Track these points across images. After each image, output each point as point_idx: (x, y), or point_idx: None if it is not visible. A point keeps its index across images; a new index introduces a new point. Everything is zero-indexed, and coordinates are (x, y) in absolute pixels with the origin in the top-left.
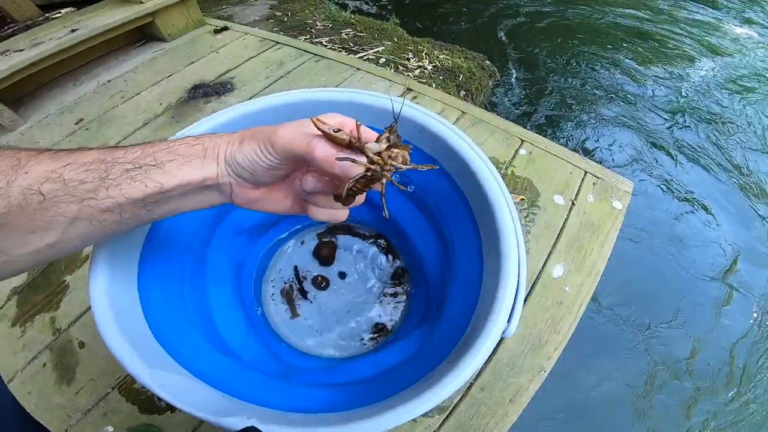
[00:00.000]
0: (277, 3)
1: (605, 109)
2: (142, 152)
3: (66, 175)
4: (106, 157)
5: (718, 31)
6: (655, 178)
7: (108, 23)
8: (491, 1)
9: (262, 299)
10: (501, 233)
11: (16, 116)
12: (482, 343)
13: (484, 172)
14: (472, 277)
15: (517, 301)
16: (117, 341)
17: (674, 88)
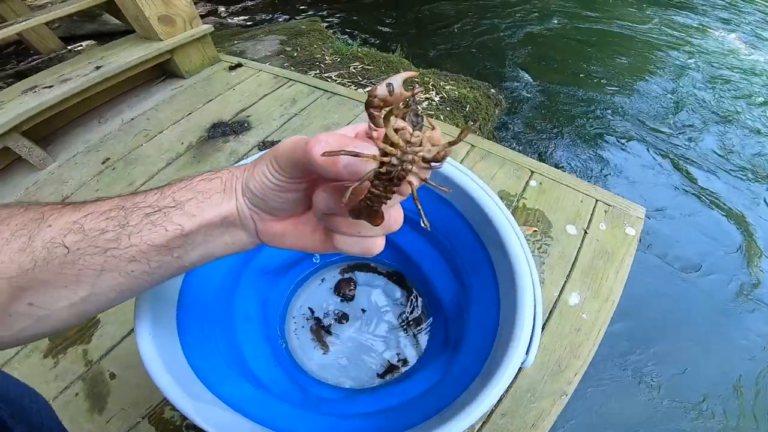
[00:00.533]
0: (287, 38)
1: (613, 132)
2: (161, 194)
3: (86, 225)
4: (126, 203)
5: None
6: (668, 201)
7: (130, 60)
8: (492, 27)
9: (286, 334)
10: (515, 269)
11: (45, 154)
12: (502, 373)
13: (492, 208)
14: (489, 311)
15: (534, 333)
16: (163, 378)
17: (682, 106)
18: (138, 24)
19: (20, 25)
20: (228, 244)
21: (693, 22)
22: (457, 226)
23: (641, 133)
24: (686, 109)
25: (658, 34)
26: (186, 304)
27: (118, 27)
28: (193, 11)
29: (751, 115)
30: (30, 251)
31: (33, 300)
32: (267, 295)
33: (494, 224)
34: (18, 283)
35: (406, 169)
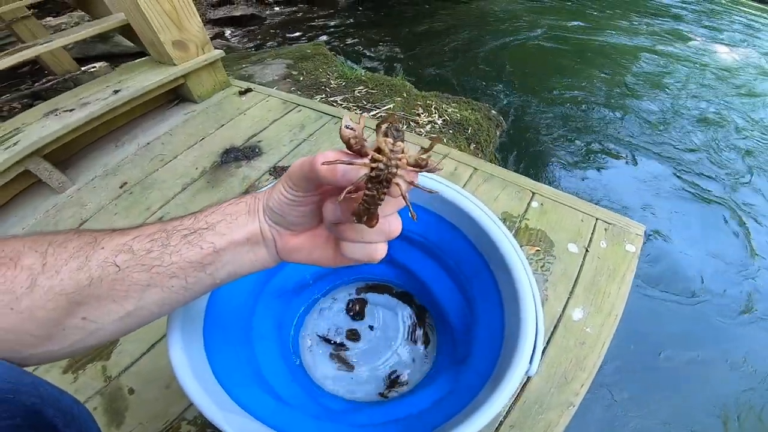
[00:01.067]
0: (293, 62)
1: (611, 150)
2: (195, 218)
3: (134, 246)
4: (167, 227)
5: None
6: (666, 218)
7: (147, 85)
8: (492, 49)
9: (300, 351)
10: (518, 288)
11: (65, 178)
12: (508, 381)
13: (496, 231)
14: (495, 328)
15: (537, 344)
16: (195, 389)
17: (678, 119)
18: (153, 49)
19: (43, 47)
20: (253, 262)
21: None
22: (463, 249)
23: (639, 150)
24: (682, 125)
25: (653, 53)
26: (211, 323)
27: (129, 49)
28: (205, 37)
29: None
30: (86, 270)
31: (87, 314)
32: (282, 315)
33: (498, 248)
34: (75, 299)
35: (392, 172)
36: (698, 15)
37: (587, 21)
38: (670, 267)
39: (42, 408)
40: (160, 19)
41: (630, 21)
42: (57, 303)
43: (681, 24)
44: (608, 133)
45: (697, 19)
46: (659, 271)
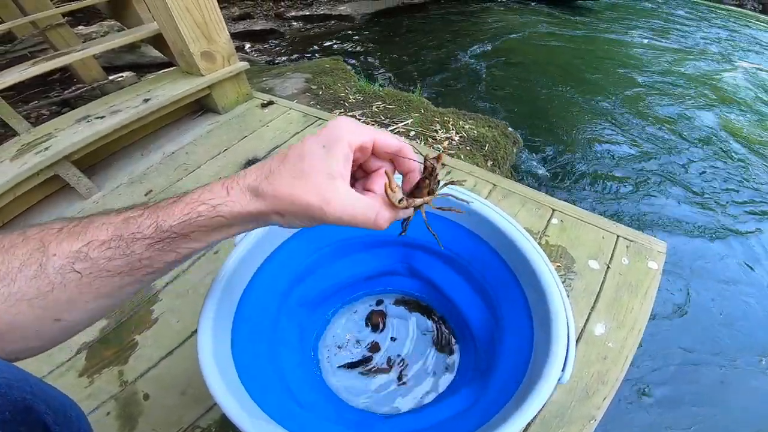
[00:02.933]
0: (311, 76)
1: (629, 166)
2: (158, 226)
3: (92, 254)
4: (122, 233)
5: None
6: (688, 233)
7: (176, 94)
8: (508, 68)
9: (320, 362)
10: (545, 291)
11: (92, 184)
12: (540, 387)
13: (522, 241)
14: (523, 333)
15: (569, 348)
16: (225, 395)
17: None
18: (182, 59)
19: (79, 54)
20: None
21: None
22: (489, 259)
23: (658, 167)
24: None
25: (670, 70)
26: (239, 330)
27: (155, 59)
28: (232, 48)
29: None
30: (45, 277)
31: (59, 316)
32: (305, 324)
33: (526, 257)
34: (40, 304)
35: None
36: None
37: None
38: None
39: (33, 404)
40: (191, 31)
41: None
42: (19, 309)
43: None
44: (631, 154)
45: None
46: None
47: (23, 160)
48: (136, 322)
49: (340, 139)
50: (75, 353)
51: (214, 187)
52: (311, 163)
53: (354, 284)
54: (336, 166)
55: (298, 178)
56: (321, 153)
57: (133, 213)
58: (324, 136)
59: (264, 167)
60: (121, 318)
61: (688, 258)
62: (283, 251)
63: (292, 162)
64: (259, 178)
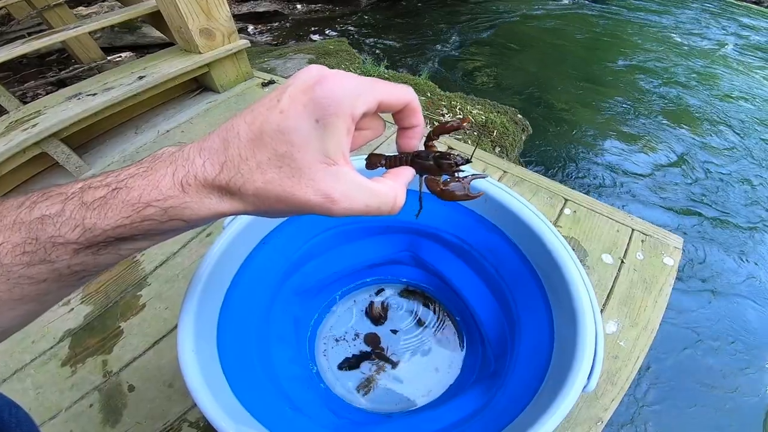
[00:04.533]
0: (315, 57)
1: (645, 159)
2: (83, 230)
3: (4, 260)
4: (38, 235)
5: None
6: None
7: (172, 72)
8: (515, 53)
9: (316, 356)
10: (571, 289)
11: (82, 162)
12: (564, 397)
13: (548, 234)
14: (541, 335)
15: (597, 356)
16: (206, 397)
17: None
18: (180, 36)
19: (72, 31)
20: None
21: None
22: (505, 252)
23: (683, 164)
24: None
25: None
26: (226, 323)
27: (156, 40)
28: (232, 26)
29: None
30: None
31: None
32: (300, 315)
33: (550, 251)
34: None
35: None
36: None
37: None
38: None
39: None
40: (189, 6)
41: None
42: None
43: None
44: (649, 147)
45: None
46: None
47: (9, 137)
48: (122, 308)
49: (340, 108)
50: (58, 341)
51: (161, 180)
52: (302, 148)
53: (354, 273)
54: (336, 147)
55: (285, 169)
56: (314, 131)
57: (49, 209)
58: (315, 105)
59: (228, 149)
60: (107, 303)
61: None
62: (278, 236)
63: (272, 144)
64: (226, 171)
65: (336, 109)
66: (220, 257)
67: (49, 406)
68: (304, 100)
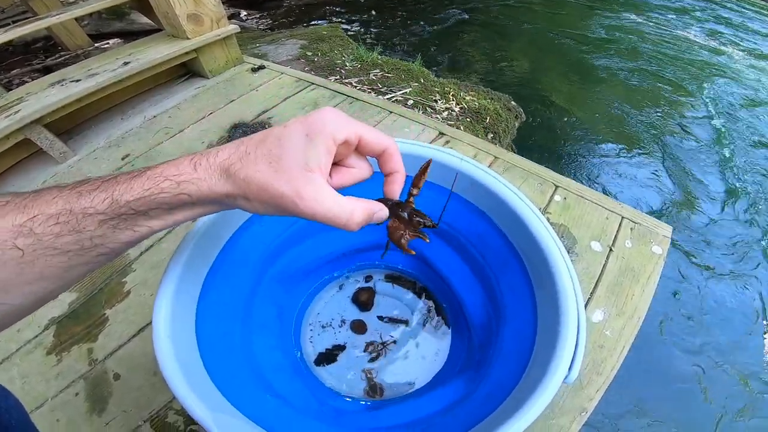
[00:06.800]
0: (308, 43)
1: (637, 148)
2: (111, 200)
3: (36, 229)
4: (72, 206)
5: None
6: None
7: (158, 57)
8: (510, 40)
9: (301, 343)
10: (555, 278)
11: (66, 148)
12: (544, 387)
13: (532, 218)
14: (524, 322)
15: (578, 347)
16: (180, 384)
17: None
18: (167, 21)
19: (54, 18)
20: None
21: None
22: (492, 238)
23: (672, 153)
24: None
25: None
26: (205, 307)
27: (144, 27)
28: (221, 11)
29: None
30: None
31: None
32: (283, 302)
33: (536, 239)
34: None
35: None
36: None
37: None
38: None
39: None
40: None
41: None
42: None
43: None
44: (643, 135)
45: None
46: None
47: None
48: (107, 295)
49: (325, 130)
50: (43, 329)
51: (182, 162)
52: (290, 152)
53: (340, 258)
54: (316, 158)
55: (273, 165)
56: (302, 142)
57: (87, 186)
58: (308, 125)
59: (240, 146)
60: (92, 290)
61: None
62: (259, 221)
63: (270, 146)
64: (233, 158)
65: (322, 129)
66: (199, 239)
67: (36, 395)
68: (302, 120)
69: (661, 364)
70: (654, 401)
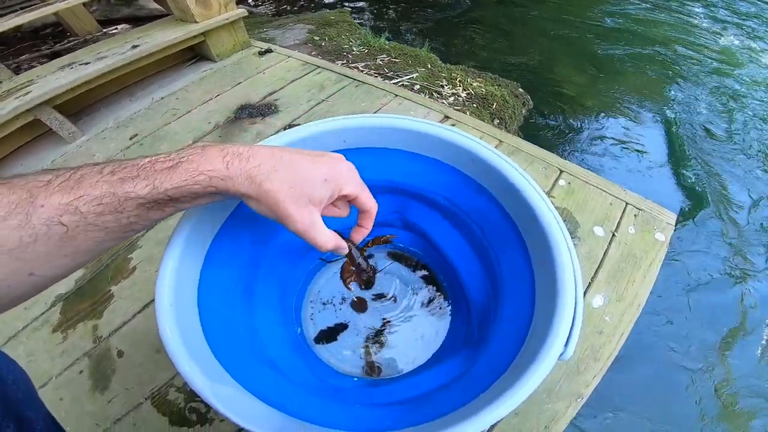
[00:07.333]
0: (315, 27)
1: (642, 134)
2: (152, 188)
3: (81, 208)
4: (116, 190)
5: None
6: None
7: (166, 41)
8: (520, 29)
9: (302, 319)
10: (554, 254)
11: (75, 129)
12: (539, 362)
13: (532, 194)
14: (522, 299)
15: (574, 323)
16: (181, 353)
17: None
18: (175, 5)
19: (62, 3)
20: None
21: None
22: (493, 214)
23: (679, 138)
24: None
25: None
26: (208, 278)
27: (153, 12)
28: None
29: None
30: (29, 227)
31: (34, 270)
32: (286, 277)
33: (537, 216)
34: (19, 255)
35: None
36: None
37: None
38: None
39: None
40: None
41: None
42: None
43: None
44: (647, 121)
45: None
46: None
47: (1, 105)
48: (113, 271)
49: (338, 182)
50: (50, 306)
51: (214, 158)
52: (308, 185)
53: (345, 232)
54: (320, 197)
55: (292, 189)
56: (319, 183)
57: (128, 172)
58: (331, 172)
59: (271, 159)
60: (98, 266)
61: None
62: None
63: (297, 171)
64: (263, 168)
65: (337, 179)
66: (204, 209)
67: (41, 373)
68: (329, 165)
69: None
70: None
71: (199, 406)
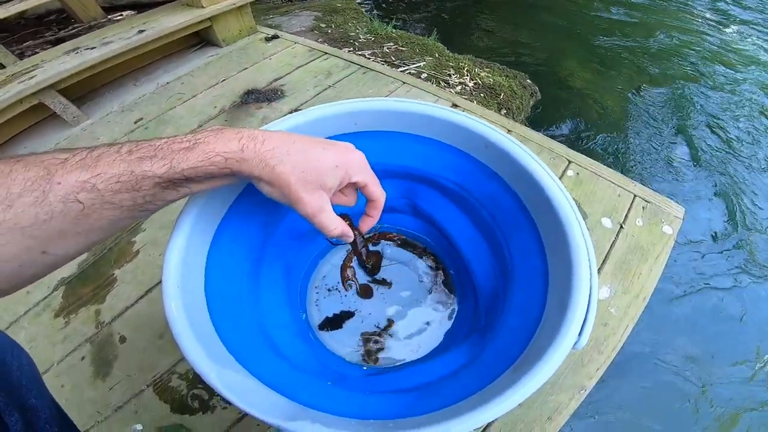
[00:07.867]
0: (321, 15)
1: (653, 127)
2: (171, 166)
3: (99, 186)
4: (134, 169)
5: None
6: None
7: (172, 26)
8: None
9: (307, 305)
10: (569, 237)
11: (79, 113)
12: (553, 352)
13: (547, 180)
14: (534, 287)
15: (589, 311)
16: (187, 336)
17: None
18: None
19: None
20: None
21: None
22: (504, 200)
23: (691, 132)
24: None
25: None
26: (215, 259)
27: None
28: None
29: None
30: (46, 204)
31: (47, 248)
32: (292, 260)
33: (552, 202)
34: (33, 233)
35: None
36: None
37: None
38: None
39: None
40: None
41: None
42: (9, 238)
43: None
44: (656, 114)
45: None
46: None
47: (6, 89)
48: (116, 255)
49: (349, 169)
50: (52, 290)
51: (230, 140)
52: (318, 171)
53: (355, 217)
54: (331, 183)
55: (304, 174)
56: (331, 169)
57: (145, 152)
58: (342, 159)
59: (286, 143)
60: (101, 250)
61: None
62: None
63: (309, 157)
64: (276, 152)
65: (347, 166)
66: (212, 190)
67: (42, 360)
68: (342, 152)
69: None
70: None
71: (201, 393)
